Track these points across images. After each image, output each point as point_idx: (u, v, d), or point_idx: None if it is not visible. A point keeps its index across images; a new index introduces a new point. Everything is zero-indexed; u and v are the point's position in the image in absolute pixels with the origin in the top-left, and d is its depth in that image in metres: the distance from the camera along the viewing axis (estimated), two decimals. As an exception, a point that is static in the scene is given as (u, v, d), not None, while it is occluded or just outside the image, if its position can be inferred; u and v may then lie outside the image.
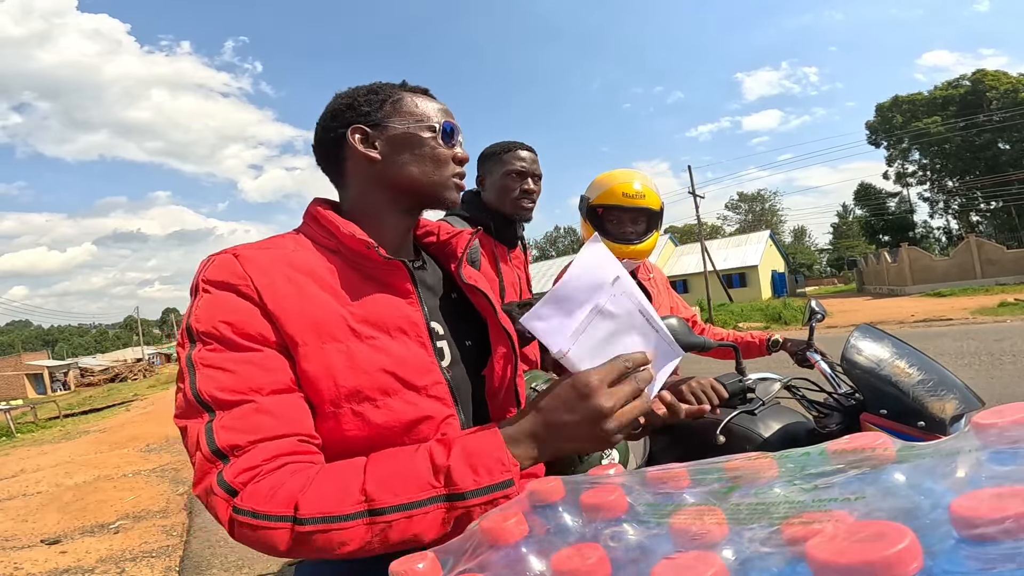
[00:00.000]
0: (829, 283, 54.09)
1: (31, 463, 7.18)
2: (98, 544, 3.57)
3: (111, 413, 14.33)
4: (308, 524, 0.58)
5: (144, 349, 55.09)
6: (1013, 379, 5.24)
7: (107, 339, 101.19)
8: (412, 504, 0.60)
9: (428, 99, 0.88)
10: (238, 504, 0.60)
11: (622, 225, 1.73)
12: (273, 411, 0.66)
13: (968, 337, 8.49)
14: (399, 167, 0.84)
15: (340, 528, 0.59)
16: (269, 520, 0.59)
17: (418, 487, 0.60)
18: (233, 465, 0.62)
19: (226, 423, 0.64)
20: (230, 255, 0.75)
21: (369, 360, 0.73)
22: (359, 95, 0.86)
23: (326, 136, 0.86)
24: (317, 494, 0.60)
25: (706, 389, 1.28)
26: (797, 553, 0.32)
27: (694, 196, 25.67)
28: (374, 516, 0.59)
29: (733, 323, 17.48)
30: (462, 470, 0.61)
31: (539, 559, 0.44)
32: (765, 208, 67.16)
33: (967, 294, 18.51)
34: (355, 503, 0.59)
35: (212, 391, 0.65)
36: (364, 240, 0.77)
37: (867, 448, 0.39)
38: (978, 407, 1.13)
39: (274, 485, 0.61)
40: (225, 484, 0.61)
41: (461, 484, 0.60)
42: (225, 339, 0.68)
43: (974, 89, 37.10)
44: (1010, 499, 0.28)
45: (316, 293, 0.74)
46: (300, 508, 0.59)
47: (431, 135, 0.84)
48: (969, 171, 38.21)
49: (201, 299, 0.71)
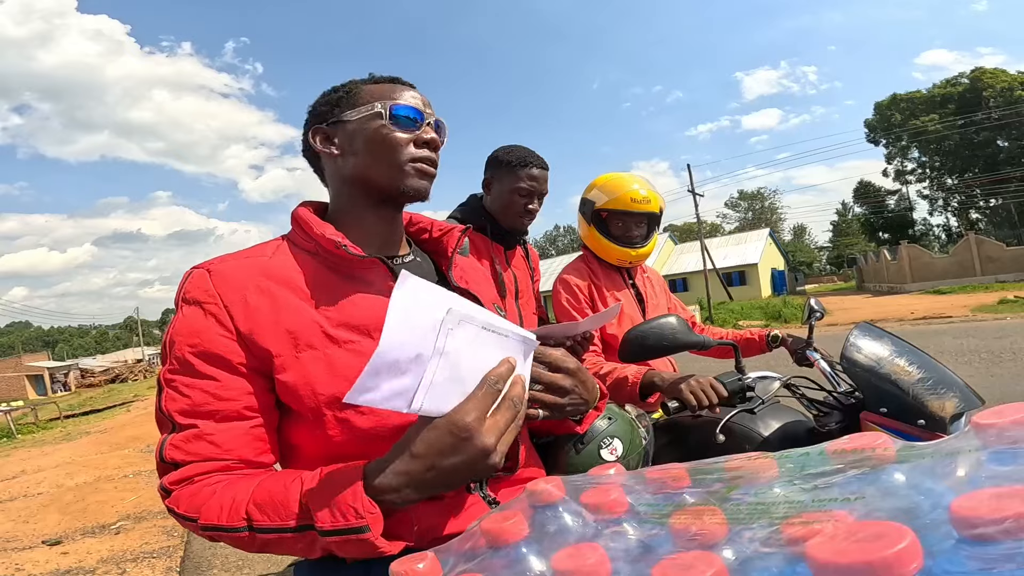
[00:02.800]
0: (829, 281, 54.07)
1: (32, 464, 7.18)
2: (99, 545, 3.57)
3: (111, 414, 14.32)
4: (207, 531, 0.68)
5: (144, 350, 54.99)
6: (1013, 377, 5.24)
7: (107, 340, 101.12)
8: (282, 529, 0.64)
9: (389, 85, 0.83)
10: (168, 503, 0.72)
11: (627, 229, 1.76)
12: (213, 438, 0.72)
13: (968, 335, 8.49)
14: (355, 159, 0.82)
15: (230, 535, 0.66)
16: (182, 519, 0.70)
17: (287, 514, 0.63)
18: (172, 475, 0.72)
19: (174, 441, 0.72)
20: (203, 271, 0.76)
21: (348, 366, 0.72)
22: (320, 97, 0.86)
23: (304, 143, 0.87)
24: (213, 507, 0.67)
25: (705, 388, 1.29)
26: (797, 553, 0.32)
27: (693, 195, 25.67)
28: (253, 532, 0.65)
29: (733, 321, 17.45)
30: (321, 509, 0.60)
31: (539, 559, 0.44)
32: (765, 206, 67.13)
33: (967, 292, 18.50)
34: (239, 519, 0.66)
35: (171, 411, 0.72)
36: (333, 239, 0.76)
37: (867, 448, 0.39)
38: (978, 406, 1.13)
39: (193, 493, 0.70)
40: (163, 487, 0.72)
41: (320, 521, 0.60)
42: (186, 363, 0.73)
43: (973, 87, 37.04)
44: (1010, 499, 0.28)
45: (290, 302, 0.74)
46: (200, 516, 0.67)
47: (380, 122, 0.80)
48: (968, 168, 38.18)
49: (177, 317, 0.76)
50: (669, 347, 1.31)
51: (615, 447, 0.97)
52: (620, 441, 0.98)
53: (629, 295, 1.82)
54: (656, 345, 1.30)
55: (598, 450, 0.97)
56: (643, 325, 1.34)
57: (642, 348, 1.31)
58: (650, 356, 1.34)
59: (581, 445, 0.97)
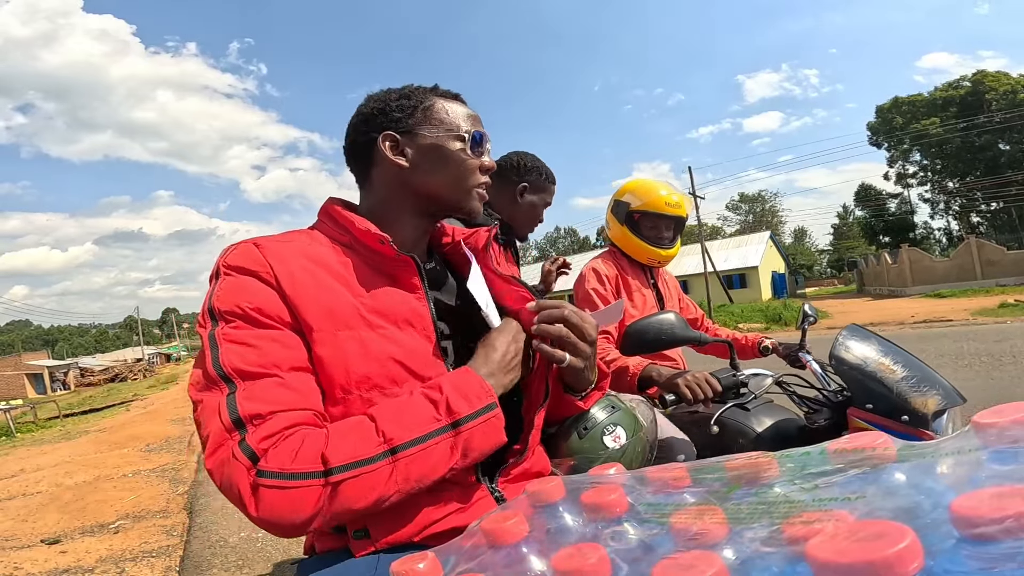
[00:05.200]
0: (829, 284, 54.01)
1: (31, 463, 7.17)
2: (98, 544, 3.57)
3: (111, 413, 14.31)
4: (338, 473, 0.61)
5: (144, 349, 55.07)
6: (1013, 380, 5.23)
7: (107, 339, 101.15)
8: (426, 436, 0.66)
9: (459, 105, 0.89)
10: (263, 467, 0.61)
11: (659, 231, 1.89)
12: (294, 386, 0.68)
13: (968, 338, 8.48)
14: (426, 175, 0.85)
15: (369, 471, 0.63)
16: (297, 479, 0.61)
17: (427, 421, 0.67)
18: (254, 433, 0.63)
19: (249, 394, 0.65)
20: (251, 244, 0.77)
21: (380, 348, 0.75)
22: (391, 100, 0.86)
23: (357, 139, 0.87)
24: (339, 445, 0.63)
25: (700, 382, 1.37)
26: (797, 553, 0.32)
27: (695, 197, 25.67)
28: (395, 453, 0.64)
29: (733, 324, 17.46)
30: (457, 400, 0.69)
31: (539, 559, 0.44)
32: (765, 209, 67.07)
33: (967, 295, 18.49)
34: (376, 445, 0.64)
35: (236, 364, 0.67)
36: (378, 235, 0.79)
37: (867, 448, 0.39)
38: (959, 403, 1.18)
39: (294, 447, 0.63)
40: (248, 449, 0.62)
41: (459, 411, 0.68)
42: (248, 317, 0.71)
43: (974, 90, 37.06)
44: (1010, 498, 0.28)
45: (331, 283, 0.77)
46: (328, 460, 0.62)
47: (460, 145, 0.85)
48: (969, 172, 38.17)
49: (223, 281, 0.74)
50: (667, 341, 1.37)
51: (618, 435, 0.98)
52: (623, 430, 0.99)
53: (651, 294, 1.94)
54: (655, 339, 1.37)
55: (601, 436, 0.97)
56: (642, 320, 1.39)
57: (642, 342, 1.37)
58: (649, 350, 1.39)
59: (585, 431, 0.97)
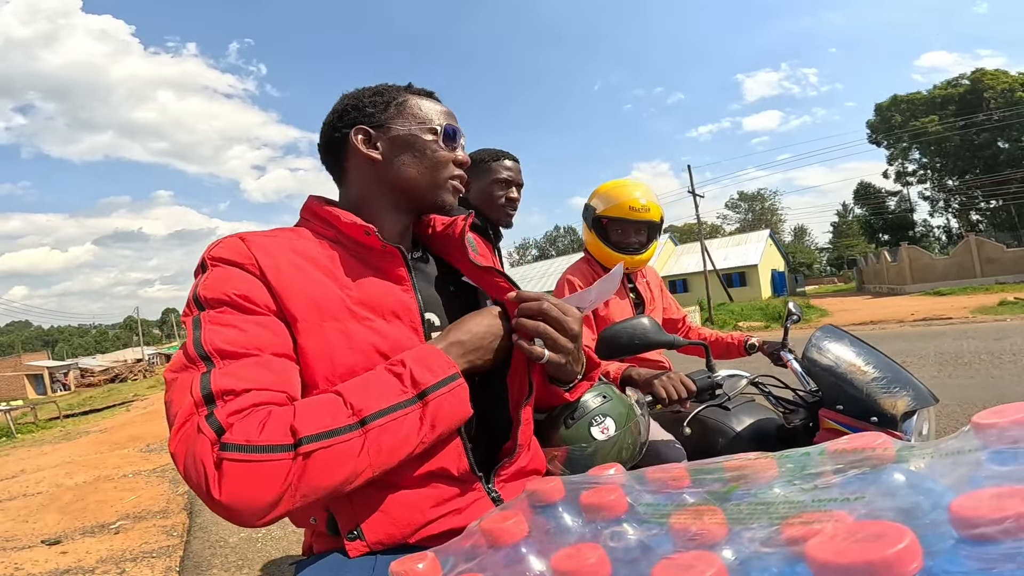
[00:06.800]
0: (829, 282, 54.10)
1: (31, 463, 7.18)
2: (98, 544, 3.57)
3: (111, 413, 14.32)
4: (308, 443, 0.59)
5: (144, 349, 54.97)
6: (1013, 378, 5.23)
7: (107, 339, 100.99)
8: (394, 407, 0.66)
9: (432, 101, 0.90)
10: (227, 439, 0.58)
11: (626, 236, 1.81)
12: (274, 368, 0.68)
13: (968, 336, 8.48)
14: (399, 168, 0.86)
15: (340, 441, 0.61)
16: (263, 452, 0.58)
17: (394, 393, 0.67)
18: (223, 408, 0.60)
19: (226, 371, 0.64)
20: (236, 238, 0.78)
21: (365, 340, 0.75)
22: (364, 96, 0.88)
23: (331, 136, 0.88)
24: (308, 417, 0.62)
25: (675, 383, 1.37)
26: (797, 553, 0.31)
27: (694, 196, 25.66)
28: (365, 424, 0.63)
29: (733, 323, 17.47)
30: (421, 372, 0.69)
31: (539, 559, 0.44)
32: (765, 207, 67.07)
33: (967, 293, 18.49)
34: (346, 416, 0.63)
35: (218, 344, 0.66)
36: (363, 226, 0.80)
37: (867, 448, 0.39)
38: (932, 404, 1.18)
39: (261, 418, 0.61)
40: (216, 423, 0.59)
41: (423, 382, 0.68)
42: (235, 303, 0.71)
43: (973, 88, 37.01)
44: (1010, 499, 0.28)
45: (317, 276, 0.77)
46: (297, 431, 0.60)
47: (432, 138, 0.86)
48: (969, 170, 38.13)
49: (210, 272, 0.74)
50: (640, 346, 1.36)
51: (607, 426, 0.96)
52: (613, 421, 0.96)
53: (627, 302, 1.86)
54: (628, 344, 1.35)
55: (588, 427, 0.95)
56: (616, 325, 1.39)
57: (616, 346, 1.36)
58: (623, 354, 1.38)
59: (572, 420, 0.95)
